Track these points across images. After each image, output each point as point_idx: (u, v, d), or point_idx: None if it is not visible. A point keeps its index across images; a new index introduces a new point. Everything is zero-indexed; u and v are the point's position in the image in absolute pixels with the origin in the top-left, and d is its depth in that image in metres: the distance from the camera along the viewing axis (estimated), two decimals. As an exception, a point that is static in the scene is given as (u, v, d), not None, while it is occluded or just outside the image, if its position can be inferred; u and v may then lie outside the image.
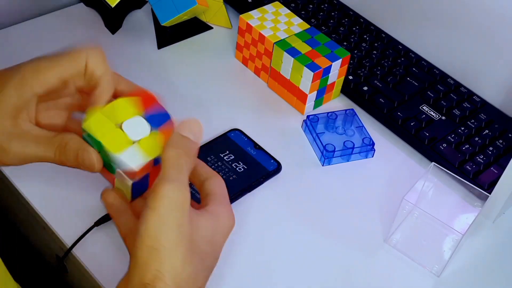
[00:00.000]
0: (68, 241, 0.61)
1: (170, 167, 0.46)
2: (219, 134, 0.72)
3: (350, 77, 0.82)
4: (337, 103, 0.82)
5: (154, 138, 0.51)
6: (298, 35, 0.79)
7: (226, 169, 0.68)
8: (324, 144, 0.73)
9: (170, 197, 0.44)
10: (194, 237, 0.46)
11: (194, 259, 0.45)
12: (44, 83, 0.50)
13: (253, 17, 0.81)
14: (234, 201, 0.65)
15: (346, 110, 0.78)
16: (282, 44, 0.77)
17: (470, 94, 0.83)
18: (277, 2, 0.85)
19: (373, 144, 0.74)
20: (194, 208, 0.48)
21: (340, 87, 0.81)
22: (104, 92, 0.53)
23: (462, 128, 0.77)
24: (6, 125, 0.49)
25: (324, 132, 0.76)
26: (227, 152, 0.70)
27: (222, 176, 0.56)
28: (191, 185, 0.50)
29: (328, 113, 0.77)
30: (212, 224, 0.49)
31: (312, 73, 0.74)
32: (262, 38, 0.79)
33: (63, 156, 0.50)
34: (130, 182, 0.51)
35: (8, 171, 0.66)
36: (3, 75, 0.51)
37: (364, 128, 0.76)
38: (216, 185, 0.53)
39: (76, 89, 0.54)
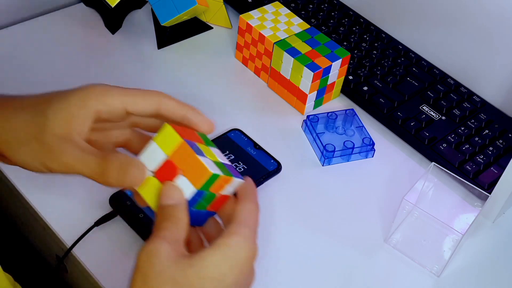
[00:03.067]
0: (68, 241, 0.61)
1: (154, 230, 0.46)
2: (219, 134, 0.72)
3: (350, 77, 0.82)
4: (337, 103, 0.82)
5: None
6: (298, 35, 0.79)
7: (226, 169, 0.68)
8: (324, 144, 0.73)
9: (150, 253, 0.44)
10: (192, 283, 0.44)
11: None
12: (108, 104, 0.49)
13: (253, 17, 0.81)
14: None
15: (346, 110, 0.78)
16: (282, 44, 0.77)
17: (470, 94, 0.83)
18: (277, 2, 0.85)
19: (373, 144, 0.74)
20: (198, 251, 0.46)
21: (340, 87, 0.81)
22: (204, 121, 0.52)
23: (462, 128, 0.77)
24: (60, 129, 0.48)
25: (324, 132, 0.76)
26: (227, 152, 0.70)
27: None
28: None
29: (328, 113, 0.77)
30: (216, 259, 0.45)
31: (312, 73, 0.74)
32: (262, 38, 0.79)
33: (105, 169, 0.48)
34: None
35: (8, 171, 0.66)
36: (70, 91, 0.50)
37: (364, 128, 0.76)
38: (243, 211, 0.49)
39: (131, 125, 0.54)
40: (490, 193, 0.67)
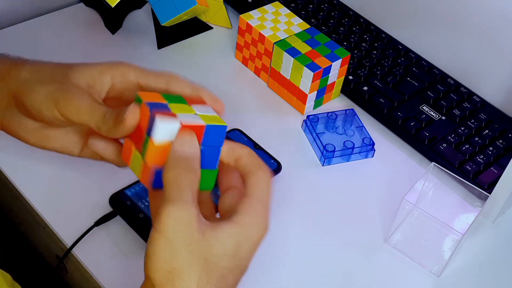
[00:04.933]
0: (68, 241, 0.61)
1: (170, 188, 0.45)
2: (219, 134, 0.72)
3: (350, 77, 0.82)
4: (337, 103, 0.82)
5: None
6: (298, 35, 0.79)
7: (226, 169, 0.68)
8: (324, 144, 0.73)
9: (174, 217, 0.43)
10: (209, 254, 0.44)
11: (212, 278, 0.44)
12: (124, 74, 0.52)
13: (253, 17, 0.81)
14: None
15: (346, 110, 0.78)
16: (282, 44, 0.77)
17: (470, 94, 0.83)
18: (277, 2, 0.85)
19: (373, 144, 0.74)
20: (213, 221, 0.46)
21: (340, 87, 0.81)
22: (216, 100, 0.53)
23: (462, 128, 0.77)
24: (81, 83, 0.50)
25: (324, 132, 0.76)
26: (227, 152, 0.70)
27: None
28: None
29: (328, 113, 0.77)
30: (235, 237, 0.45)
31: (312, 73, 0.74)
32: (262, 38, 0.79)
33: (104, 119, 0.49)
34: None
35: (8, 171, 0.66)
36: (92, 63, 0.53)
37: (364, 128, 0.76)
38: (257, 184, 0.48)
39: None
40: (490, 193, 0.67)
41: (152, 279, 0.43)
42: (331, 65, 0.75)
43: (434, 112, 0.79)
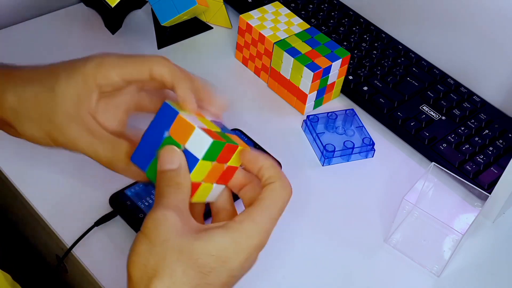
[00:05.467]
0: (68, 241, 0.61)
1: (156, 199, 0.46)
2: (219, 134, 0.72)
3: (350, 77, 0.82)
4: (337, 103, 0.82)
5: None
6: (298, 35, 0.79)
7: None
8: (324, 144, 0.73)
9: (152, 218, 0.44)
10: (186, 249, 0.44)
11: (188, 271, 0.43)
12: (106, 77, 0.50)
13: (253, 17, 0.81)
14: (234, 201, 0.65)
15: (346, 110, 0.78)
16: (282, 44, 0.77)
17: (470, 94, 0.83)
18: (277, 2, 0.85)
19: (373, 144, 0.74)
20: (211, 225, 0.46)
21: (340, 87, 0.81)
22: (185, 99, 0.52)
23: (462, 128, 0.77)
24: (68, 108, 0.49)
25: (324, 132, 0.76)
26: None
27: None
28: None
29: (328, 113, 0.77)
30: (219, 238, 0.45)
31: (312, 73, 0.74)
32: (262, 38, 0.79)
33: (114, 158, 0.50)
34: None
35: (8, 171, 0.66)
36: (70, 64, 0.52)
37: (364, 128, 0.76)
38: (270, 196, 0.48)
39: (139, 88, 0.54)
40: (490, 193, 0.67)
41: (132, 275, 0.44)
42: (331, 65, 0.75)
43: (434, 112, 0.79)
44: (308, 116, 0.76)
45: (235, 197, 0.52)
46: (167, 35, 0.85)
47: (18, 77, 0.51)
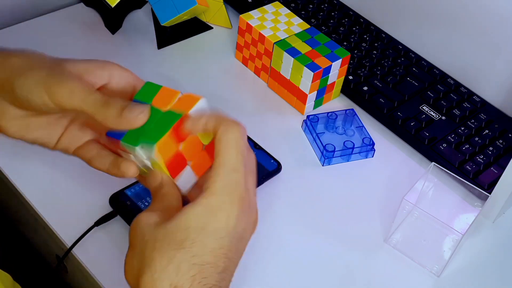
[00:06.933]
0: (68, 241, 0.61)
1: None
2: (219, 134, 0.72)
3: (350, 77, 0.82)
4: (337, 103, 0.82)
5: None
6: (298, 35, 0.79)
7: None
8: (324, 144, 0.73)
9: (134, 227, 0.46)
10: (161, 234, 0.43)
11: (167, 252, 0.43)
12: (122, 77, 0.51)
13: (253, 17, 0.81)
14: None
15: (346, 110, 0.78)
16: (282, 44, 0.77)
17: (470, 94, 0.83)
18: (277, 2, 0.85)
19: (373, 144, 0.74)
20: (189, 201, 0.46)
21: (340, 87, 0.81)
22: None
23: (462, 128, 0.77)
24: (74, 71, 0.49)
25: (324, 132, 0.76)
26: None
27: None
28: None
29: (328, 113, 0.77)
30: (200, 210, 0.43)
31: (312, 73, 0.74)
32: (262, 38, 0.79)
33: (108, 103, 0.47)
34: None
35: (8, 171, 0.66)
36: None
37: (364, 128, 0.76)
38: (218, 145, 0.45)
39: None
40: (490, 193, 0.67)
41: (129, 284, 0.45)
42: (331, 65, 0.75)
43: (434, 112, 0.79)
44: (308, 116, 0.76)
45: None
46: (167, 35, 0.85)
47: (29, 49, 0.51)
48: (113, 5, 0.79)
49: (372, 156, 0.75)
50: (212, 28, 0.90)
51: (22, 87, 0.48)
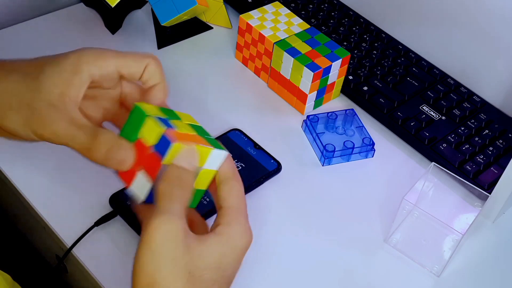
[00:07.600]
0: (68, 241, 0.61)
1: (162, 200, 0.45)
2: (219, 134, 0.72)
3: (350, 77, 0.82)
4: (337, 103, 0.82)
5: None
6: (298, 35, 0.79)
7: (226, 169, 0.68)
8: (324, 144, 0.73)
9: (161, 230, 0.43)
10: (194, 267, 0.44)
11: None
12: (102, 67, 0.49)
13: (253, 17, 0.81)
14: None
15: (346, 110, 0.78)
16: (282, 44, 0.77)
17: (470, 94, 0.83)
18: (277, 2, 0.85)
19: (373, 144, 0.74)
20: (198, 234, 0.46)
21: (340, 87, 0.81)
22: (156, 98, 0.53)
23: (462, 128, 0.77)
24: (53, 94, 0.48)
25: (324, 132, 0.76)
26: (227, 152, 0.70)
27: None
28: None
29: (328, 113, 0.77)
30: (219, 249, 0.46)
31: (312, 73, 0.74)
32: (262, 38, 0.79)
33: (94, 145, 0.48)
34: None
35: (8, 171, 0.66)
36: (62, 55, 0.50)
37: (364, 128, 0.76)
38: (231, 193, 0.49)
39: (120, 96, 0.54)
40: (490, 193, 0.67)
41: (136, 283, 0.44)
42: (331, 65, 0.75)
43: (434, 112, 0.79)
44: (308, 116, 0.76)
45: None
46: (167, 35, 0.85)
47: (1, 69, 0.50)
48: (113, 5, 0.79)
49: (372, 156, 0.75)
50: (212, 28, 0.90)
51: (8, 127, 0.49)
